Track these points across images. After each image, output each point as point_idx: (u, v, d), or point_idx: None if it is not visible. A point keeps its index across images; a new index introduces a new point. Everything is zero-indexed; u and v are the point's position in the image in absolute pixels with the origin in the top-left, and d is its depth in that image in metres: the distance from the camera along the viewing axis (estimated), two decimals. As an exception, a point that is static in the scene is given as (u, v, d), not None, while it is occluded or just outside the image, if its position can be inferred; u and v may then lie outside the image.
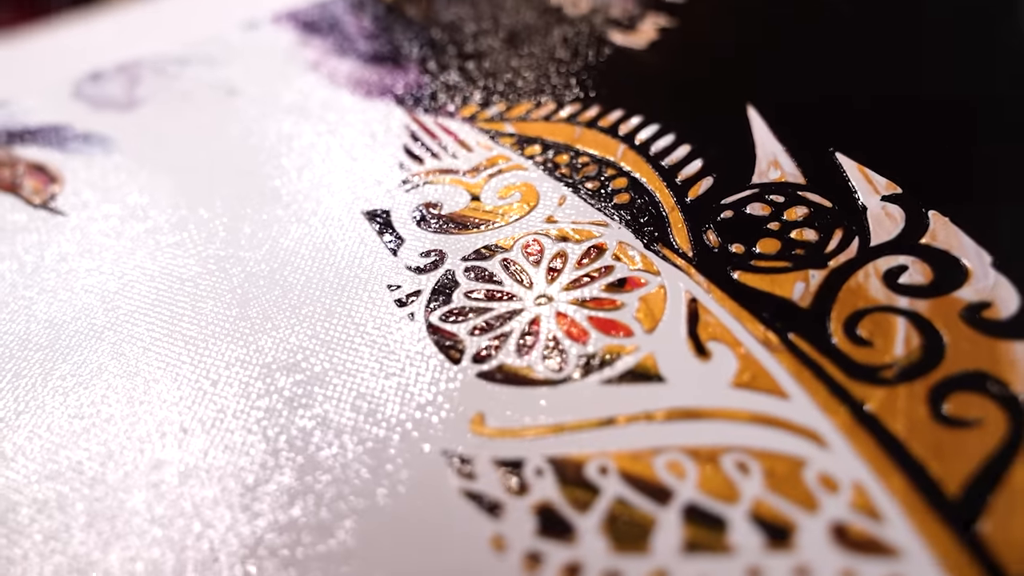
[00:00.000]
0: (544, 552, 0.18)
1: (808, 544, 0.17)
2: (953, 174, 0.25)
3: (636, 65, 0.33)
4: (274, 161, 0.31)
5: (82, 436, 0.22)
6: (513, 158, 0.29)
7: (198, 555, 0.19)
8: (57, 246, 0.29)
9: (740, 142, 0.28)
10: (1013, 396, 0.19)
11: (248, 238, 0.28)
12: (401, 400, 0.22)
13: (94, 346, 0.25)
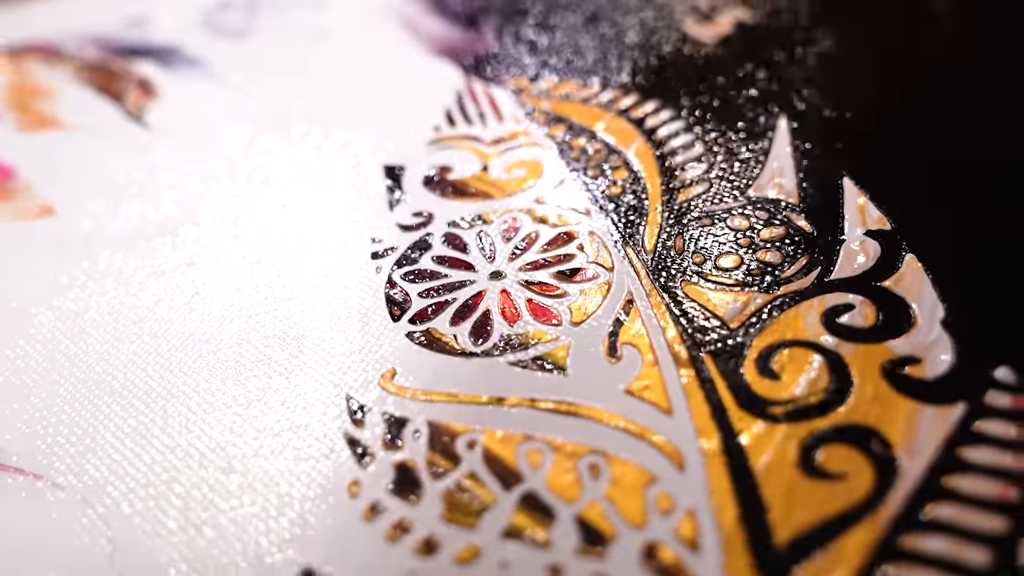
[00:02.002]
0: (386, 506, 0.20)
1: (616, 557, 0.18)
2: (959, 227, 0.24)
3: (694, 58, 0.33)
4: (332, 104, 0.33)
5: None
6: (534, 135, 0.30)
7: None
8: (139, 158, 0.33)
9: (756, 152, 0.27)
10: (891, 459, 0.19)
11: (287, 163, 0.30)
12: (335, 341, 0.24)
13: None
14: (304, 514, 0.19)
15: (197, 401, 0.23)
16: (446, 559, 0.18)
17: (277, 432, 0.21)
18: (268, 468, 0.21)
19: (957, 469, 0.18)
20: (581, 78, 0.32)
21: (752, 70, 0.31)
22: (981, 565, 0.16)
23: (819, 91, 0.29)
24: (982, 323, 0.21)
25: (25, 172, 0.32)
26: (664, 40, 0.34)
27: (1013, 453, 0.18)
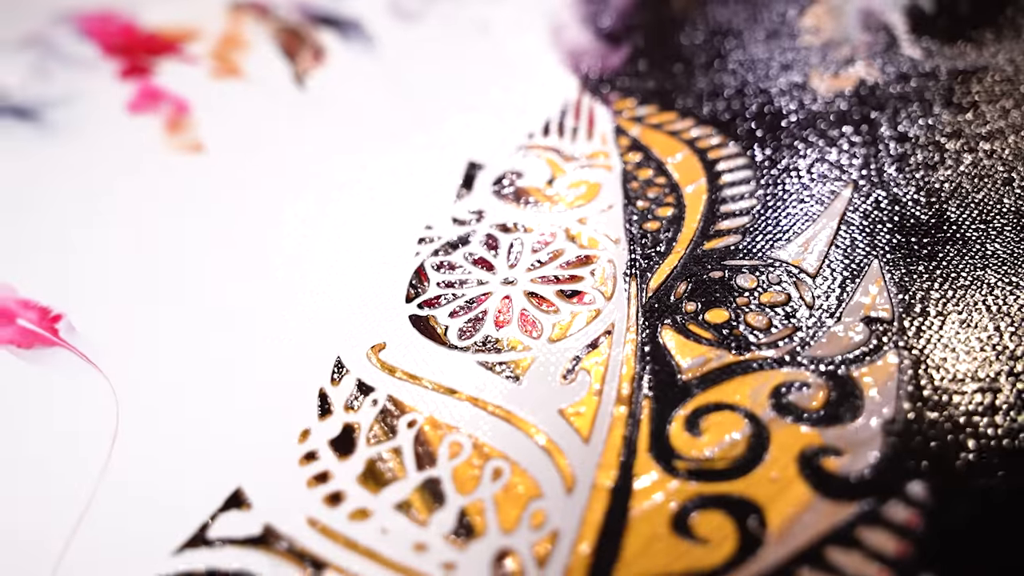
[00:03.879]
0: (320, 456, 0.23)
1: (473, 551, 0.20)
2: (955, 344, 0.23)
3: (798, 110, 0.33)
4: (456, 95, 0.37)
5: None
6: (610, 158, 0.32)
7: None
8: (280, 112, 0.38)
9: (805, 216, 0.28)
10: (757, 539, 0.20)
11: (395, 144, 0.35)
12: (353, 307, 0.27)
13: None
14: (259, 442, 0.23)
15: (236, 315, 0.27)
16: (342, 514, 0.21)
17: (273, 367, 0.25)
18: (254, 393, 0.24)
19: (815, 566, 0.19)
20: (679, 110, 0.33)
21: (848, 132, 0.31)
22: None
23: (901, 169, 0.29)
24: (925, 438, 0.21)
25: (197, 111, 0.39)
26: (780, 87, 0.34)
27: (879, 567, 0.18)
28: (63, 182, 0.34)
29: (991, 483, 0.19)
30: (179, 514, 0.21)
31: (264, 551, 0.20)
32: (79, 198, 0.33)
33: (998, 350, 0.22)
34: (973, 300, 0.23)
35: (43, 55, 0.44)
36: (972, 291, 0.24)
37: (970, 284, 0.24)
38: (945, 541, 0.19)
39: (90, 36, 0.45)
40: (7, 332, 0.28)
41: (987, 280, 0.24)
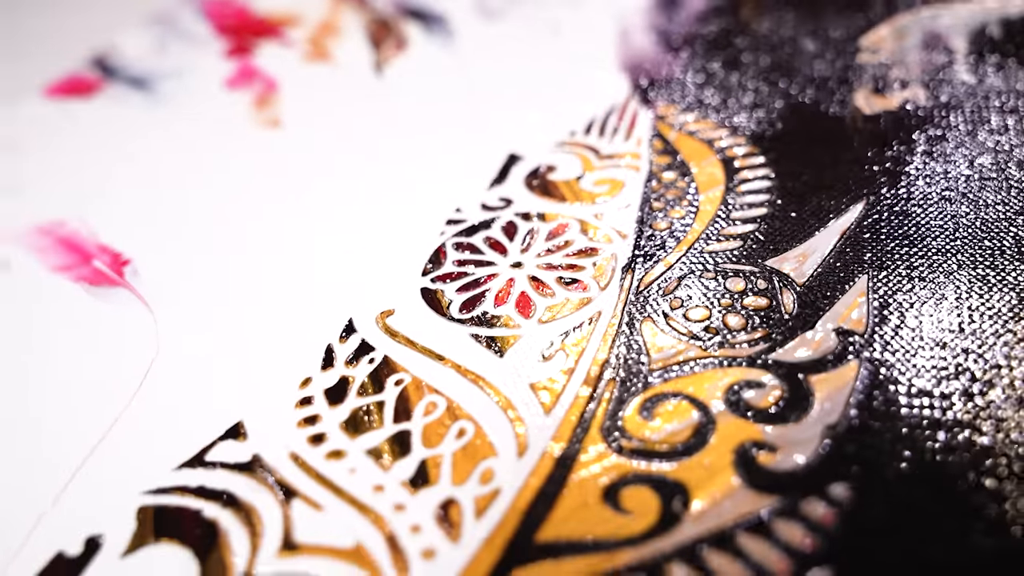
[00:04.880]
0: (314, 402, 0.26)
1: (423, 497, 0.23)
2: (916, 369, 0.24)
3: (836, 126, 0.33)
4: (511, 91, 0.40)
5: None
6: (640, 160, 0.34)
7: None
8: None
9: (808, 228, 0.29)
10: (676, 517, 0.22)
11: (444, 132, 0.38)
12: (374, 274, 0.30)
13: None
14: (267, 384, 0.26)
15: (275, 273, 0.31)
16: (320, 452, 0.24)
17: (295, 321, 0.29)
18: (272, 342, 0.28)
19: (721, 547, 0.20)
20: (719, 120, 0.35)
21: (876, 152, 0.32)
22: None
23: (917, 193, 0.29)
24: (861, 446, 0.22)
25: (284, 90, 0.42)
26: (823, 102, 0.35)
27: (780, 555, 0.20)
28: (159, 146, 0.39)
29: (914, 496, 0.20)
30: (187, 437, 0.25)
31: (248, 476, 0.23)
32: (169, 161, 0.38)
33: (959, 372, 0.23)
34: (949, 323, 0.24)
35: (166, 31, 0.48)
36: (950, 314, 0.24)
37: (951, 308, 0.25)
38: (854, 542, 0.20)
39: (208, 16, 0.50)
40: (83, 271, 0.32)
41: (969, 306, 0.25)
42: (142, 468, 0.24)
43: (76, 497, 0.23)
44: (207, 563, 0.21)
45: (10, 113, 0.42)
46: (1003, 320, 0.24)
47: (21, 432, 0.25)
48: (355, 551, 0.21)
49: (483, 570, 0.20)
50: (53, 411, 0.26)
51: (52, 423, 0.25)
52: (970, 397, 0.22)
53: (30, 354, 0.28)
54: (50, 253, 0.33)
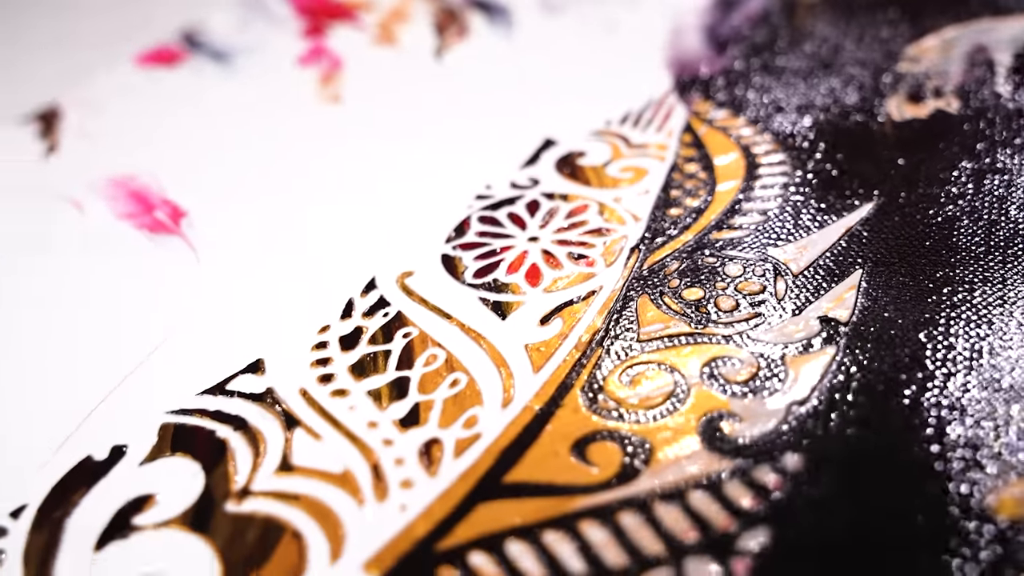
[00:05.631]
0: (329, 346, 0.29)
1: (410, 436, 0.25)
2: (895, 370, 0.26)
3: (862, 129, 0.35)
4: (558, 83, 0.42)
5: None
6: (666, 151, 0.36)
7: None
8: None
9: (815, 223, 0.31)
10: (635, 471, 0.24)
11: (492, 116, 0.40)
12: (403, 238, 0.32)
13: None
14: (290, 327, 0.29)
15: (316, 231, 0.33)
16: (326, 391, 0.27)
17: (324, 275, 0.31)
18: (301, 292, 0.30)
19: (671, 501, 0.22)
20: (749, 117, 0.36)
21: (897, 157, 0.33)
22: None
23: (927, 198, 0.30)
24: (823, 425, 0.23)
25: (348, 69, 0.46)
26: (855, 106, 0.36)
27: (727, 515, 0.22)
28: (227, 114, 0.42)
29: (866, 479, 0.22)
30: (213, 368, 0.28)
31: (260, 405, 0.26)
32: (234, 128, 0.41)
33: (932, 375, 0.24)
34: (931, 323, 0.25)
35: (251, 9, 0.52)
36: (935, 315, 0.25)
37: (936, 309, 0.26)
38: (796, 508, 0.21)
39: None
40: (145, 219, 0.36)
41: (954, 311, 0.26)
42: (170, 392, 0.27)
43: (109, 412, 0.26)
44: (212, 475, 0.24)
45: (103, 77, 0.46)
46: (983, 321, 0.25)
47: (73, 351, 0.29)
48: (343, 476, 0.23)
49: (452, 502, 0.22)
50: (103, 336, 0.29)
51: (101, 347, 0.29)
52: (937, 405, 0.23)
53: (89, 287, 0.31)
54: (120, 202, 0.37)
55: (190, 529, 0.22)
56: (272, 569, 0.21)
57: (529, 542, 0.21)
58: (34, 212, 0.35)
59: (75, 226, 0.35)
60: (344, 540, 0.21)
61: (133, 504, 0.23)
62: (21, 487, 0.24)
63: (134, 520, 0.23)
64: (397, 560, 0.21)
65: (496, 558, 0.20)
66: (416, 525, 0.22)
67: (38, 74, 0.48)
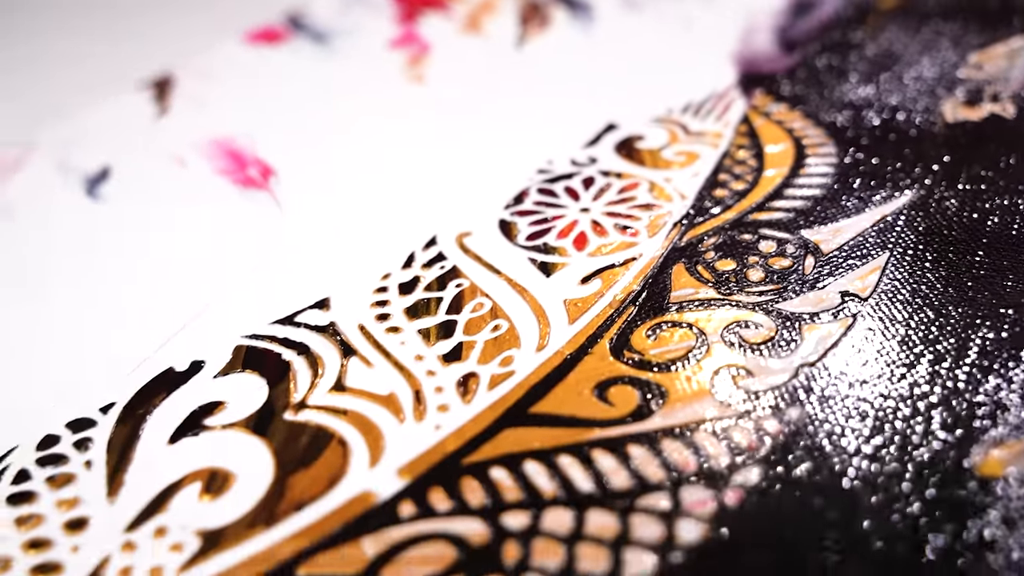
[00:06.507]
0: (389, 291, 0.32)
1: (451, 369, 0.28)
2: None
3: (912, 127, 0.36)
4: (631, 71, 0.44)
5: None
6: (720, 139, 0.38)
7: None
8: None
9: (855, 208, 0.32)
10: (649, 410, 0.26)
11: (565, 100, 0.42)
12: (467, 202, 0.35)
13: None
14: (356, 272, 0.32)
15: (388, 194, 0.36)
16: (382, 327, 0.30)
17: (392, 231, 0.34)
18: (371, 243, 0.34)
19: (679, 439, 0.24)
20: (807, 112, 0.38)
21: (943, 156, 0.34)
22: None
23: (970, 197, 0.32)
24: (828, 383, 0.25)
25: (434, 54, 0.49)
26: (908, 106, 0.38)
27: (728, 451, 0.24)
28: (320, 89, 0.46)
29: (858, 436, 0.24)
30: (286, 303, 0.31)
31: (323, 335, 0.29)
32: (327, 102, 0.45)
33: (940, 343, 0.26)
34: (944, 312, 0.27)
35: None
36: (949, 306, 0.27)
37: (957, 301, 0.27)
38: (793, 450, 0.23)
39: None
40: (238, 176, 0.40)
41: (971, 308, 0.27)
42: (246, 320, 0.30)
43: (194, 333, 0.30)
44: (275, 390, 0.27)
45: (214, 51, 0.50)
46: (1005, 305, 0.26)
47: (166, 281, 0.32)
48: (388, 398, 0.26)
49: (482, 425, 0.25)
50: (194, 271, 0.33)
51: (191, 279, 0.32)
52: (932, 378, 0.25)
53: (186, 230, 0.35)
54: (218, 160, 0.41)
55: (251, 432, 0.26)
56: (319, 468, 0.24)
57: (545, 463, 0.23)
58: (144, 166, 0.40)
59: (178, 179, 0.39)
60: (383, 450, 0.24)
61: (205, 408, 0.27)
62: (111, 389, 0.28)
63: (205, 421, 0.26)
64: (427, 469, 0.24)
65: (514, 474, 0.23)
66: (447, 442, 0.24)
67: (157, 46, 0.53)
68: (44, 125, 0.43)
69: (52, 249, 0.35)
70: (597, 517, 0.22)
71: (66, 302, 0.32)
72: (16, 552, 0.23)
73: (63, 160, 0.40)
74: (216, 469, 0.24)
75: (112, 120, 0.43)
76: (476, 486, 0.23)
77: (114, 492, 0.24)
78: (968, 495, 0.21)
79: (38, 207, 0.37)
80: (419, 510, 0.22)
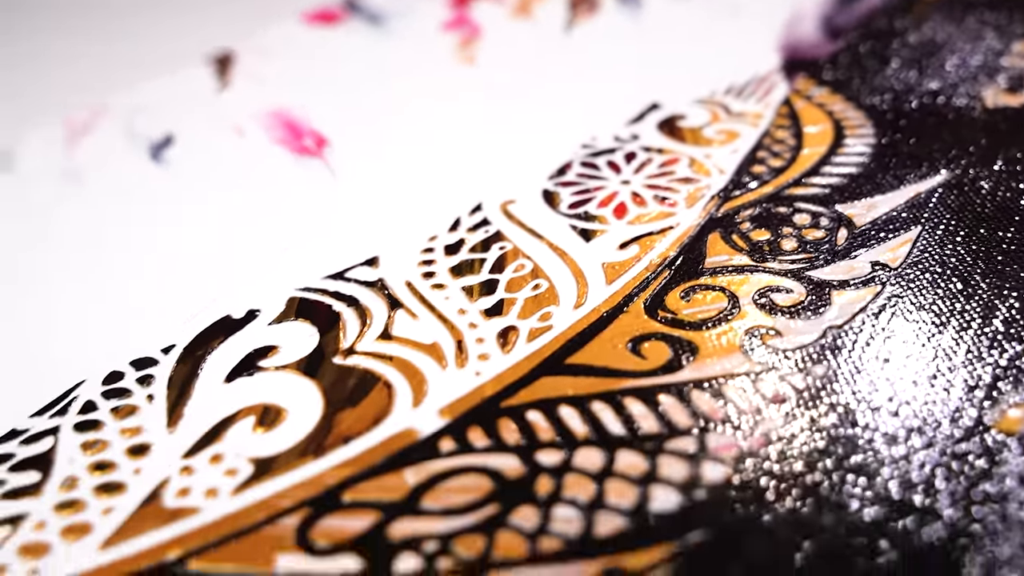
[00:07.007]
0: (435, 251, 0.34)
1: (492, 323, 0.29)
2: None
3: (951, 111, 0.37)
4: (679, 61, 0.45)
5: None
6: (761, 119, 0.39)
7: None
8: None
9: (893, 183, 0.33)
10: (679, 364, 0.28)
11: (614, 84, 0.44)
12: (512, 173, 0.37)
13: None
14: (406, 233, 0.34)
15: (440, 164, 0.38)
16: (428, 284, 0.32)
17: (442, 196, 0.36)
18: (420, 207, 0.35)
19: (705, 390, 0.25)
20: (849, 95, 0.39)
21: (980, 139, 0.35)
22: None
23: (1005, 179, 0.33)
24: (852, 343, 0.26)
25: (485, 36, 0.51)
26: (952, 91, 0.38)
27: (758, 404, 0.25)
28: (376, 68, 0.48)
29: (880, 392, 0.25)
30: (339, 260, 0.33)
31: (371, 290, 0.31)
32: (380, 80, 0.47)
33: (963, 325, 0.27)
34: (972, 283, 0.28)
35: (408, -20, 0.58)
36: (977, 275, 0.28)
37: (986, 273, 0.28)
38: (818, 404, 0.24)
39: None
40: (294, 145, 0.42)
41: (999, 279, 0.28)
42: (300, 274, 0.32)
43: (249, 285, 0.32)
44: (325, 337, 0.29)
45: (274, 30, 0.53)
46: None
47: (225, 239, 0.34)
48: (431, 346, 0.28)
49: (519, 373, 0.26)
50: (252, 231, 0.35)
51: (248, 238, 0.34)
52: (965, 329, 0.26)
53: (244, 195, 0.37)
54: (275, 130, 0.43)
55: (302, 374, 0.27)
56: (365, 407, 0.26)
57: (578, 408, 0.25)
58: (205, 134, 0.42)
59: (237, 147, 0.41)
60: (425, 392, 0.26)
61: (260, 351, 0.28)
62: (172, 333, 0.29)
63: (259, 363, 0.28)
64: (466, 410, 0.25)
65: (548, 416, 0.25)
66: (486, 387, 0.26)
67: (220, 24, 0.55)
68: (112, 93, 0.45)
69: (118, 206, 0.37)
70: (626, 457, 0.23)
71: (132, 253, 0.34)
72: (82, 473, 0.25)
73: (129, 126, 0.42)
74: (269, 405, 0.26)
75: (176, 92, 0.45)
76: (512, 427, 0.24)
77: (174, 423, 0.26)
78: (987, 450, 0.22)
79: (106, 169, 0.39)
80: (458, 446, 0.24)
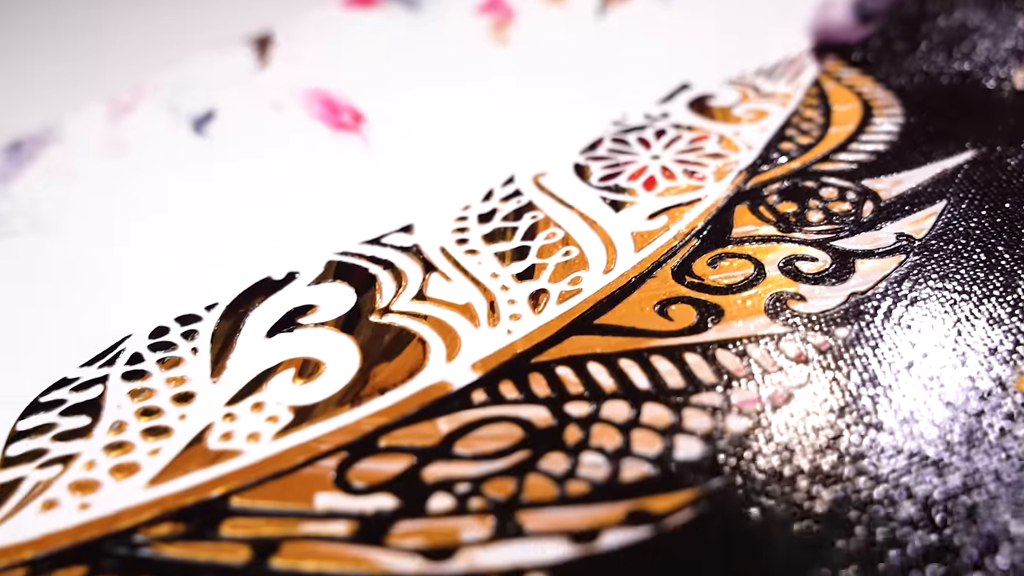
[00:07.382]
0: (469, 219, 0.35)
1: (523, 286, 0.30)
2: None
3: (980, 92, 0.37)
4: (712, 45, 0.46)
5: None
6: (790, 99, 0.40)
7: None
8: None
9: (920, 160, 0.34)
10: (704, 326, 0.29)
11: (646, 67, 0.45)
12: (544, 148, 0.38)
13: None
14: (440, 202, 0.35)
15: (477, 140, 0.39)
16: (461, 249, 0.33)
17: (474, 171, 0.37)
18: (455, 182, 0.36)
19: (728, 349, 0.26)
20: (879, 76, 0.40)
21: (1010, 117, 0.36)
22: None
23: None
24: (872, 312, 0.27)
25: (519, 19, 0.52)
26: (982, 73, 0.39)
27: (775, 362, 0.26)
28: (411, 48, 0.49)
29: (902, 355, 0.26)
30: (375, 226, 0.34)
31: (407, 255, 0.32)
32: (416, 60, 0.48)
33: (985, 294, 0.27)
34: (996, 253, 0.29)
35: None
36: (1000, 247, 0.29)
37: (1006, 244, 0.29)
38: (841, 364, 0.25)
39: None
40: (331, 119, 0.43)
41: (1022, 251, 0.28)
42: (338, 239, 0.33)
43: (292, 253, 0.33)
44: (362, 297, 0.30)
45: (313, 13, 0.54)
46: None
47: (264, 209, 0.36)
48: (465, 307, 0.29)
49: (550, 332, 0.27)
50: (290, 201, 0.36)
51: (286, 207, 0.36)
52: (987, 298, 0.26)
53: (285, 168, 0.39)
54: (313, 106, 0.44)
55: (340, 330, 0.28)
56: (400, 361, 0.27)
57: (605, 365, 0.26)
58: (246, 110, 0.43)
59: (276, 122, 0.42)
60: (458, 348, 0.27)
61: (299, 309, 0.30)
62: (215, 292, 0.31)
63: (299, 320, 0.29)
64: (498, 365, 0.26)
65: (577, 371, 0.25)
66: (517, 344, 0.27)
67: (260, 5, 0.57)
68: (155, 72, 0.47)
69: (162, 177, 0.38)
70: (652, 409, 0.24)
71: (174, 220, 0.35)
72: (130, 418, 0.26)
73: (172, 102, 0.44)
74: (308, 358, 0.27)
75: (216, 70, 0.47)
76: (542, 380, 0.25)
77: (217, 374, 0.27)
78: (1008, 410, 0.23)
79: (150, 142, 0.41)
80: (490, 398, 0.25)
